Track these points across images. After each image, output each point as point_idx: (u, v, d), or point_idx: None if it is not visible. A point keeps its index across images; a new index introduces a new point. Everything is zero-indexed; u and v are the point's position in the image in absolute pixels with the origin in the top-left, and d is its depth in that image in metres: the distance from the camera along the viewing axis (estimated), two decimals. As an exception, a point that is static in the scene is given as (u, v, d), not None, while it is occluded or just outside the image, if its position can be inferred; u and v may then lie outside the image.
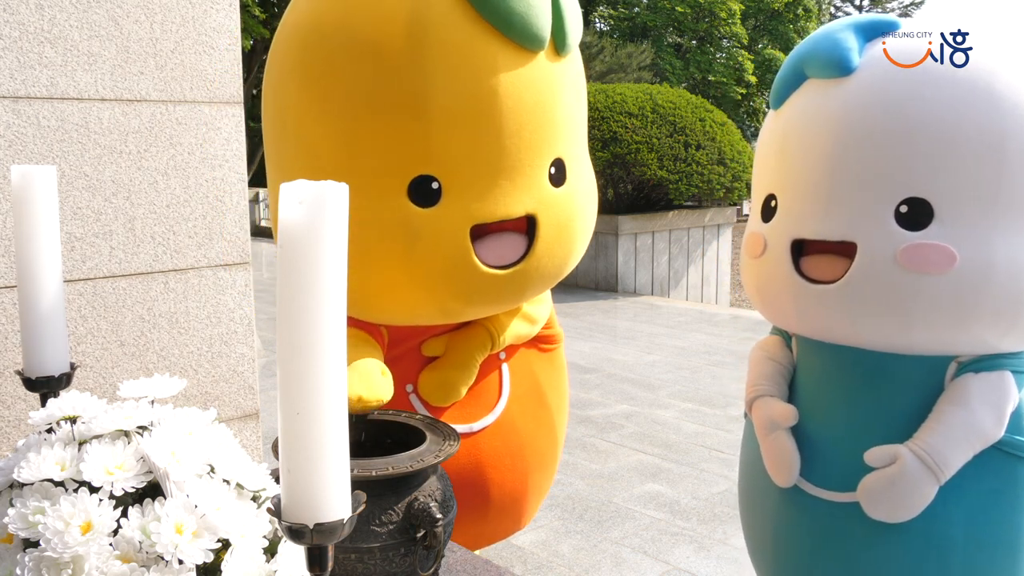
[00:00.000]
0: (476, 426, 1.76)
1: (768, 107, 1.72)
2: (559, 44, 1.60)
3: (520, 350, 1.90)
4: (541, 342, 1.97)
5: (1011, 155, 1.35)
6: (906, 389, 1.49)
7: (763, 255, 1.59)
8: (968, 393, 1.42)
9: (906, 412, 1.48)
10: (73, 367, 1.26)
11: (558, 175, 1.67)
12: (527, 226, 1.65)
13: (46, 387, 1.21)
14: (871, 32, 1.50)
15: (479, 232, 1.61)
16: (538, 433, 1.89)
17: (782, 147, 1.59)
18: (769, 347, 1.73)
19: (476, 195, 1.58)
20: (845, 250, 1.46)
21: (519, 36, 1.53)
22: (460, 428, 1.71)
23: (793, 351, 1.71)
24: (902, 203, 1.39)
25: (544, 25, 1.54)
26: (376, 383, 1.49)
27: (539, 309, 1.90)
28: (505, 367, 1.83)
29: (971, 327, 1.40)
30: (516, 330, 1.82)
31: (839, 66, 1.47)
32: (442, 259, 1.59)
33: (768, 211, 1.61)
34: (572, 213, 1.69)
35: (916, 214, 1.39)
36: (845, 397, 1.57)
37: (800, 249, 1.54)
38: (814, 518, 1.57)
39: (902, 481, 1.41)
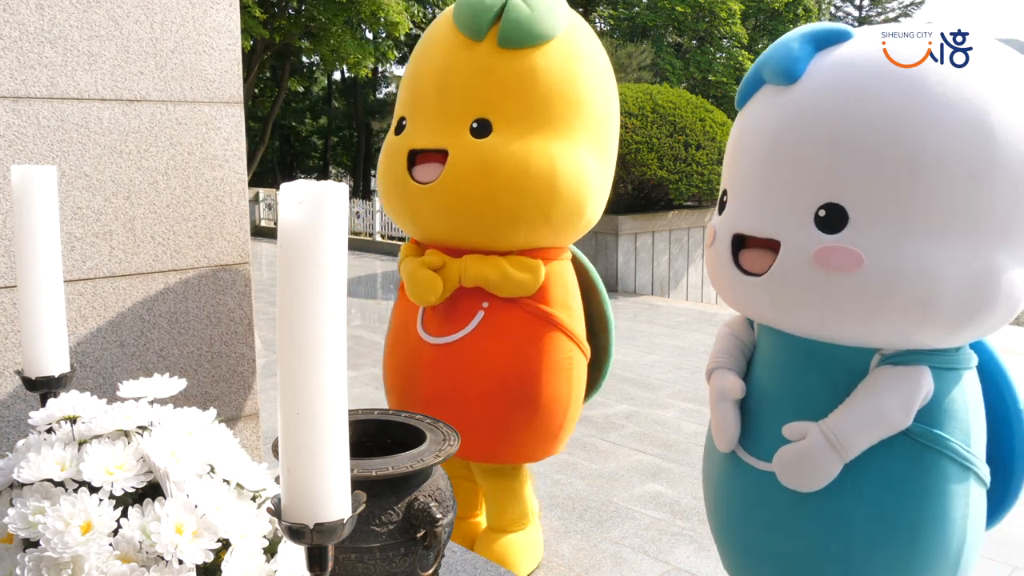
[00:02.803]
0: (445, 339, 2.38)
1: None
2: (500, 41, 2.26)
3: (506, 306, 2.37)
4: (529, 310, 2.38)
5: (925, 167, 1.43)
6: (834, 375, 1.61)
7: (712, 245, 1.73)
8: (879, 383, 1.55)
9: (832, 396, 1.59)
10: (73, 367, 1.26)
11: (480, 129, 2.27)
12: (445, 159, 2.29)
13: (46, 387, 1.21)
14: (822, 41, 1.60)
15: (418, 160, 2.33)
16: (503, 357, 2.36)
17: (735, 147, 1.73)
18: (734, 325, 1.88)
19: (417, 130, 2.36)
20: (773, 246, 1.58)
21: (464, 30, 2.30)
22: (435, 340, 2.39)
23: (755, 331, 1.84)
24: (821, 207, 1.50)
25: (477, 25, 2.27)
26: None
27: (519, 272, 2.34)
28: (481, 312, 2.37)
29: (878, 324, 1.51)
30: (484, 272, 2.34)
31: (786, 73, 1.59)
32: (392, 172, 2.38)
33: (721, 205, 1.75)
34: (489, 157, 2.23)
35: (833, 218, 1.49)
36: (783, 377, 1.70)
37: (742, 242, 1.67)
38: (745, 484, 1.72)
39: (808, 455, 1.56)
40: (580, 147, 2.33)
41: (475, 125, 2.27)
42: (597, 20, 28.05)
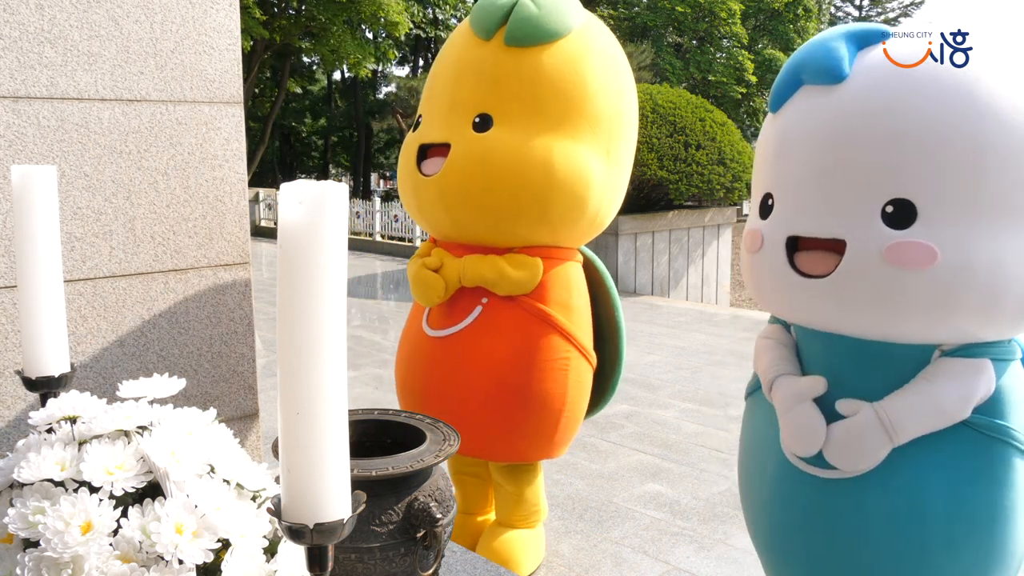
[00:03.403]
0: (444, 332, 2.45)
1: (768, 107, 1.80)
2: (506, 39, 2.33)
3: (504, 302, 2.42)
4: (525, 307, 2.41)
5: (990, 157, 1.43)
6: (892, 374, 1.58)
7: (760, 250, 1.68)
8: (939, 371, 1.54)
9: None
10: (73, 367, 1.26)
11: (482, 124, 2.34)
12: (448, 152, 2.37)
13: (46, 387, 1.21)
14: (862, 41, 1.59)
15: (428, 155, 2.42)
16: (498, 352, 2.40)
17: (779, 149, 1.69)
18: (774, 334, 1.82)
19: (427, 126, 2.46)
20: (836, 247, 1.55)
21: (476, 30, 2.40)
22: (435, 332, 2.47)
23: (793, 336, 1.80)
24: (888, 204, 1.48)
25: (487, 25, 2.36)
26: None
27: (516, 270, 2.39)
28: (479, 308, 2.42)
29: (952, 319, 1.49)
30: (481, 272, 2.39)
31: (832, 74, 1.57)
32: (405, 166, 2.49)
33: (766, 209, 1.70)
34: (488, 149, 2.30)
35: (901, 214, 1.47)
36: (836, 380, 1.65)
37: (795, 245, 1.63)
38: (810, 496, 1.66)
39: (857, 432, 1.55)
40: (583, 145, 2.35)
41: (477, 120, 2.34)
42: (597, 20, 28.02)
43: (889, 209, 1.47)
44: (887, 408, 1.53)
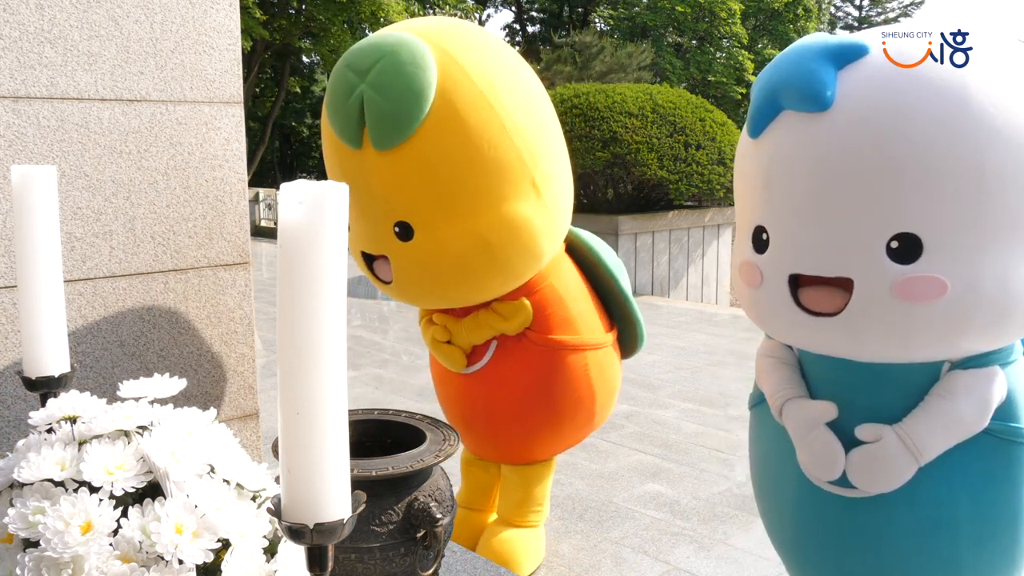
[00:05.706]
0: (470, 370, 2.53)
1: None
2: (373, 144, 2.10)
3: (514, 337, 2.49)
4: (533, 340, 2.45)
5: (991, 178, 1.40)
6: (903, 391, 1.57)
7: (761, 286, 1.64)
8: (954, 386, 1.53)
9: (904, 412, 1.56)
10: (73, 367, 1.26)
11: (403, 233, 2.23)
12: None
13: (46, 387, 1.21)
14: (840, 59, 1.50)
15: (372, 260, 2.37)
16: (521, 379, 2.49)
17: (768, 181, 1.61)
18: (775, 351, 1.78)
19: (357, 233, 2.38)
20: (841, 283, 1.51)
21: (341, 138, 2.14)
22: (464, 370, 2.53)
23: (795, 352, 1.78)
24: (892, 239, 1.45)
25: (348, 133, 2.11)
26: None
27: (508, 322, 2.46)
28: (494, 343, 2.50)
29: (964, 340, 1.49)
30: (482, 336, 2.47)
31: (816, 101, 1.48)
32: (362, 268, 2.47)
33: (760, 243, 1.64)
34: (422, 257, 2.25)
35: (906, 248, 1.44)
36: (846, 399, 1.63)
37: (797, 280, 1.59)
38: (834, 513, 1.66)
39: (883, 457, 1.54)
40: (506, 203, 2.19)
41: (397, 229, 2.24)
42: (597, 20, 28.06)
43: (894, 245, 1.43)
44: (909, 432, 1.52)
